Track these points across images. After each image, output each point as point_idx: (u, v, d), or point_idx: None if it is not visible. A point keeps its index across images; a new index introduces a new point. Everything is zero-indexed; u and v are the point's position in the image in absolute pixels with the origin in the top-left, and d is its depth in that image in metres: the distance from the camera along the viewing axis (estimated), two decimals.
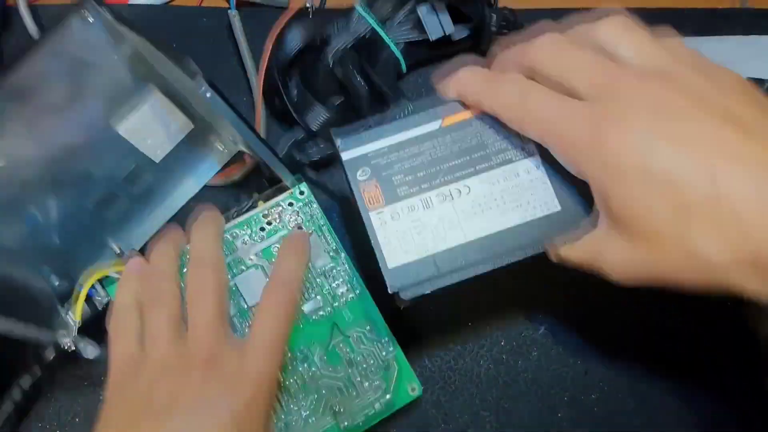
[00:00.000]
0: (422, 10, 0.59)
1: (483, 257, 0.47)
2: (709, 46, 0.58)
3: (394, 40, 0.59)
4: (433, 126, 0.50)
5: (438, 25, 0.59)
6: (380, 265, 0.47)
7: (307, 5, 0.58)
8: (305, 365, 0.52)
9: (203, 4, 0.64)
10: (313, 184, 0.59)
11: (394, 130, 0.50)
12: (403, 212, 0.48)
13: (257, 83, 0.60)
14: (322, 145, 0.58)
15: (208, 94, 0.45)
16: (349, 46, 0.59)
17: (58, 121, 0.50)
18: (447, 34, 0.59)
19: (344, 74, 0.58)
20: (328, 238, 0.54)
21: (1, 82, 0.46)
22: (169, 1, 0.64)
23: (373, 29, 0.58)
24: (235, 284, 0.52)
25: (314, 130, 0.58)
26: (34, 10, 0.61)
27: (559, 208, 0.48)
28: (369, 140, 0.50)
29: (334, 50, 0.59)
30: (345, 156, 0.49)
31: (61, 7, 0.62)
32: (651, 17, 0.61)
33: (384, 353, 0.53)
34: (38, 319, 0.48)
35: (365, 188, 0.49)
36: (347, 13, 0.59)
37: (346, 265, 0.54)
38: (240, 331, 0.52)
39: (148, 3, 0.64)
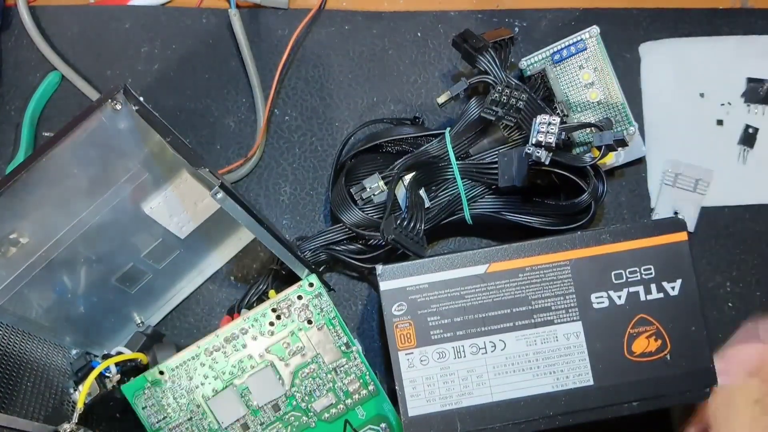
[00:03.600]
0: (503, 156, 0.53)
1: (506, 422, 0.46)
2: (709, 46, 0.59)
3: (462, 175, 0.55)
4: (478, 269, 0.48)
5: (512, 173, 0.52)
6: (401, 410, 0.47)
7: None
8: None
9: (203, 5, 0.62)
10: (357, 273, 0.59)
11: (438, 266, 0.48)
12: (433, 357, 0.47)
13: (258, 87, 0.59)
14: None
15: (219, 195, 0.44)
16: (418, 162, 0.55)
17: (86, 203, 0.49)
18: (517, 186, 0.52)
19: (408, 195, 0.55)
20: (339, 331, 0.52)
21: (28, 170, 0.44)
22: (169, 2, 0.62)
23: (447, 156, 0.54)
24: (246, 384, 0.52)
25: (349, 225, 0.55)
26: (33, 11, 0.60)
27: (592, 383, 0.47)
28: (411, 272, 0.48)
29: (402, 165, 0.55)
30: (384, 286, 0.48)
31: (61, 8, 0.60)
32: (651, 17, 0.60)
33: None
34: (45, 403, 0.48)
35: (399, 324, 0.47)
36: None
37: (359, 360, 0.53)
38: (253, 429, 0.52)
39: (148, 3, 0.62)
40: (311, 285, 0.52)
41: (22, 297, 0.48)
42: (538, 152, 0.49)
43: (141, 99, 0.45)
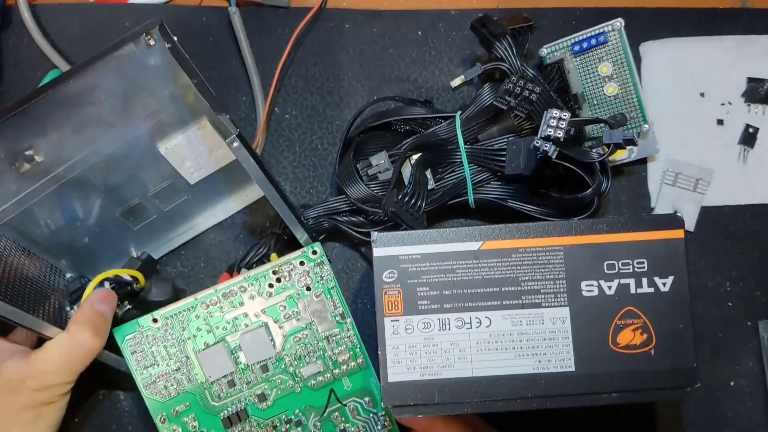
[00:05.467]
0: (511, 144, 0.53)
1: (484, 399, 0.46)
2: (709, 46, 0.59)
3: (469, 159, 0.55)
4: (471, 246, 0.48)
5: (519, 162, 0.52)
6: (380, 374, 0.47)
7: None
8: (298, 429, 0.53)
9: (203, 3, 0.62)
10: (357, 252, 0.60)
11: (433, 239, 0.48)
12: (418, 327, 0.47)
13: (258, 85, 0.60)
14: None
15: (235, 144, 0.46)
16: (426, 143, 0.56)
17: (104, 132, 0.50)
18: (523, 174, 0.53)
19: (412, 172, 0.56)
20: (336, 301, 0.53)
21: (56, 89, 0.46)
22: (169, 0, 0.62)
23: (455, 140, 0.55)
24: (237, 341, 0.53)
25: (353, 199, 0.56)
26: (34, 9, 0.61)
27: (573, 369, 0.47)
28: (405, 242, 0.48)
29: (410, 144, 0.56)
30: (377, 252, 0.48)
31: (62, 6, 0.61)
32: (651, 17, 0.60)
33: (379, 427, 0.54)
34: (44, 314, 0.50)
35: (388, 291, 0.48)
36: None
37: (351, 332, 0.54)
38: (239, 387, 0.53)
39: (149, 2, 0.62)
40: (315, 252, 0.53)
41: (28, 214, 0.50)
42: (546, 146, 0.49)
43: (175, 38, 0.46)
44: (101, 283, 0.52)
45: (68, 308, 0.53)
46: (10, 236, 0.51)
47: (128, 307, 0.53)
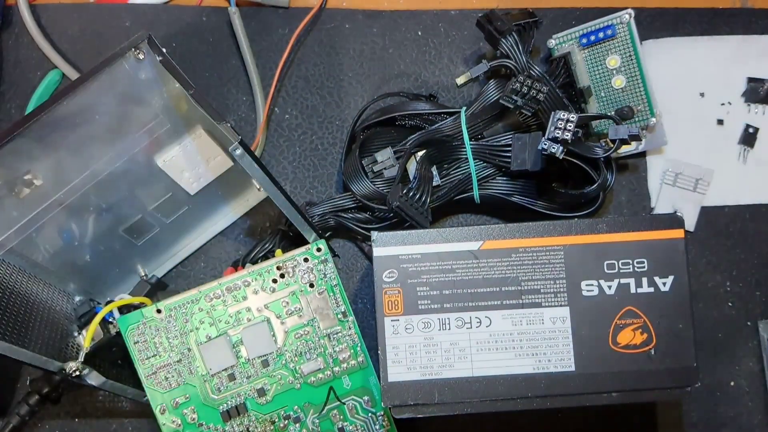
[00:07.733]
0: (517, 139, 0.53)
1: (484, 398, 0.47)
2: (709, 46, 0.59)
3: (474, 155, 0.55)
4: (472, 245, 0.48)
5: (524, 158, 0.53)
6: (381, 374, 0.47)
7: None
8: (296, 425, 0.53)
9: (203, 3, 0.61)
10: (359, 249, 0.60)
11: (433, 238, 0.48)
12: (418, 327, 0.48)
13: (258, 85, 0.59)
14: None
15: (238, 152, 0.45)
16: (431, 139, 0.56)
17: (100, 150, 0.50)
18: (529, 170, 0.53)
19: (417, 168, 0.55)
20: (338, 299, 0.53)
21: (49, 111, 0.45)
22: (169, 0, 0.62)
23: (460, 136, 0.55)
24: (239, 335, 0.53)
25: (358, 195, 0.56)
26: (34, 9, 0.60)
27: (573, 369, 0.47)
28: (405, 242, 0.48)
29: (415, 140, 0.56)
30: (377, 252, 0.48)
31: (61, 7, 0.60)
32: (651, 17, 0.60)
33: (378, 427, 0.54)
34: (50, 342, 0.49)
35: (388, 291, 0.48)
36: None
37: (353, 330, 0.54)
38: (239, 381, 0.53)
39: (148, 2, 0.61)
40: (319, 250, 0.53)
41: (31, 239, 0.49)
42: (554, 147, 0.49)
43: (164, 50, 0.46)
44: (111, 312, 0.52)
45: (76, 333, 0.53)
46: (15, 263, 0.50)
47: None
